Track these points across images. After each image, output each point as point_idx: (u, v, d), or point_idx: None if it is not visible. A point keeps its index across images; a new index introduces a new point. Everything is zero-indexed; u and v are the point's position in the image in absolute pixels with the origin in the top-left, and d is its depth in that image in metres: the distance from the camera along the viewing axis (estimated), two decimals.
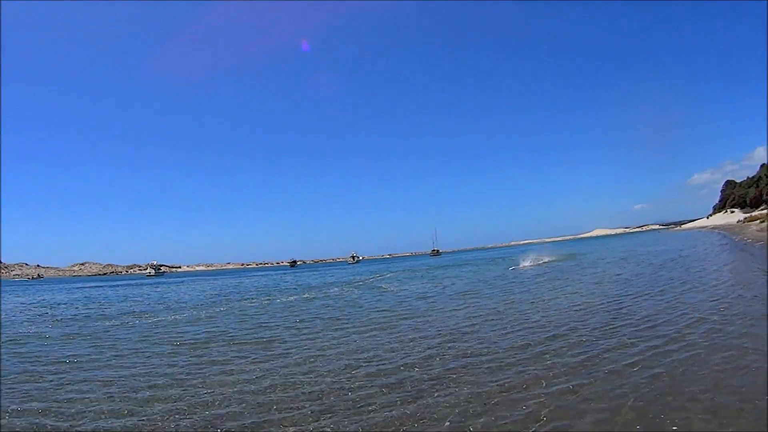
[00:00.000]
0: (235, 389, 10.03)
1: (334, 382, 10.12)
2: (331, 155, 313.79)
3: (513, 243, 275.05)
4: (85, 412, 9.08)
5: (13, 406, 9.55)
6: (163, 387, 10.54)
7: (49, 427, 8.36)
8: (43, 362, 13.91)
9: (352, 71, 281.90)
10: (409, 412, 7.94)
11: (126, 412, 8.98)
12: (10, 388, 10.96)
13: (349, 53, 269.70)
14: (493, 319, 16.36)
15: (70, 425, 8.40)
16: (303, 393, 9.46)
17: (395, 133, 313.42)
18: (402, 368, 10.76)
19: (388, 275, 54.85)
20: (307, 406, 8.68)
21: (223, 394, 9.70)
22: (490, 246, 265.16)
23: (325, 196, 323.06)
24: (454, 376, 9.81)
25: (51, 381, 11.56)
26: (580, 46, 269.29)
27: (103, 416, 8.79)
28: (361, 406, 8.44)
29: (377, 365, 11.26)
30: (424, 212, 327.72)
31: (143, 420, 8.48)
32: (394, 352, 12.57)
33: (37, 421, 8.67)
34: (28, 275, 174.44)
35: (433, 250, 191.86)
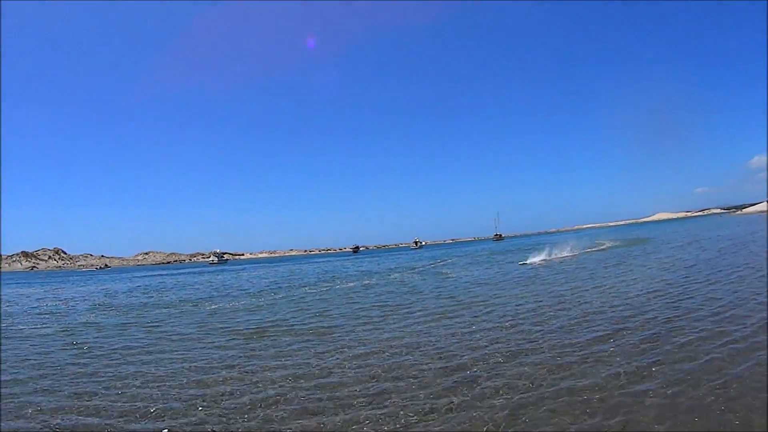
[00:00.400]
0: (292, 380, 9.63)
1: (393, 371, 9.80)
2: (395, 140, 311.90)
3: (575, 227, 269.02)
4: (133, 405, 8.61)
5: (59, 402, 9.03)
6: (216, 378, 10.11)
7: (94, 421, 7.90)
8: (95, 353, 13.58)
9: (407, 54, 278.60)
10: (468, 402, 7.68)
11: (176, 403, 8.57)
12: (58, 381, 10.59)
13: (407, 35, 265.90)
14: (557, 307, 15.75)
15: (116, 420, 7.90)
16: (361, 383, 9.15)
17: (456, 117, 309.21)
18: (463, 357, 10.31)
19: (450, 260, 53.82)
20: (364, 396, 8.40)
21: (278, 385, 9.30)
22: (552, 230, 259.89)
23: (388, 181, 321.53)
24: (516, 366, 9.42)
25: (101, 372, 11.16)
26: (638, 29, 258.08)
27: (152, 410, 8.29)
28: (422, 395, 8.19)
29: (437, 354, 10.85)
30: (486, 197, 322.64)
31: (195, 413, 8.05)
32: (456, 340, 12.09)
33: (83, 414, 8.28)
34: (93, 265, 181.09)
35: (496, 235, 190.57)
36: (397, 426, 7.10)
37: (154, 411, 8.21)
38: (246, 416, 7.81)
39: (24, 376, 11.12)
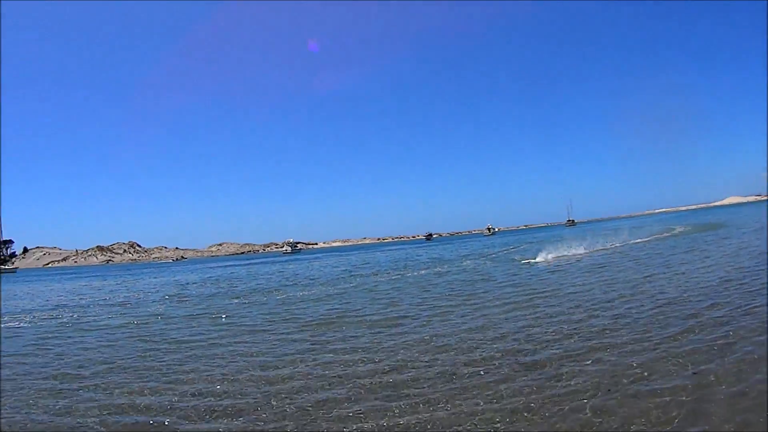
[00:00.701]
0: (365, 375, 9.06)
1: (470, 365, 9.19)
2: (469, 127, 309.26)
3: (647, 212, 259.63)
4: (202, 401, 8.17)
5: (121, 398, 8.71)
6: (287, 373, 9.57)
7: (161, 419, 7.47)
8: (161, 345, 13.36)
9: (484, 42, 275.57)
10: (552, 400, 7.10)
11: (248, 399, 8.09)
12: (119, 375, 10.32)
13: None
14: (628, 296, 14.90)
15: (183, 420, 7.44)
16: (437, 377, 8.60)
17: (530, 105, 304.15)
18: (541, 351, 9.68)
19: (522, 247, 52.43)
20: (441, 392, 7.81)
21: (352, 380, 8.74)
22: (623, 215, 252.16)
23: (462, 168, 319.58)
24: (596, 363, 8.66)
25: (167, 365, 10.83)
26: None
27: (222, 407, 7.79)
28: (503, 392, 7.60)
29: (514, 346, 10.26)
30: (558, 183, 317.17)
31: (269, 410, 7.55)
32: (531, 331, 11.47)
33: (148, 412, 7.84)
34: (167, 257, 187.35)
35: (568, 221, 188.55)
36: (480, 426, 6.46)
37: (225, 408, 7.72)
38: (321, 412, 7.28)
39: (88, 371, 10.90)
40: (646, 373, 7.69)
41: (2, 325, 18.83)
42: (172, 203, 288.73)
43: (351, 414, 7.11)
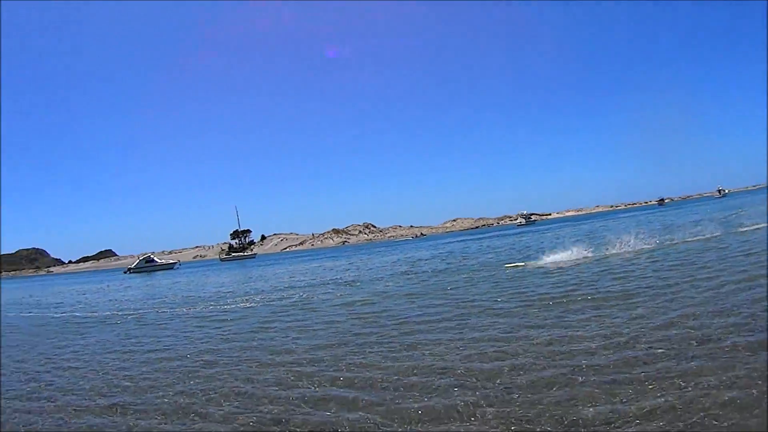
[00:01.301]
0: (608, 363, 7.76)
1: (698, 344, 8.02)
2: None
3: None
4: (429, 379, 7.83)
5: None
6: (504, 355, 8.81)
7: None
8: (383, 323, 13.41)
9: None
10: None
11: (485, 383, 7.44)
12: (334, 352, 10.49)
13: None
14: None
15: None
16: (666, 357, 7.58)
17: None
18: None
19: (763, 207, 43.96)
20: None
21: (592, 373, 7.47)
22: None
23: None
24: None
25: (389, 344, 10.72)
26: None
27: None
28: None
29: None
30: None
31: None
32: None
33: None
34: (402, 235, 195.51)
35: None
36: None
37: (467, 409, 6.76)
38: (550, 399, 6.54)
39: (300, 347, 11.33)
40: None
41: (238, 305, 20.71)
42: (406, 182, 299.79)
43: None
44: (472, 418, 6.30)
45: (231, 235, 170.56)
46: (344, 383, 8.22)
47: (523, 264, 23.78)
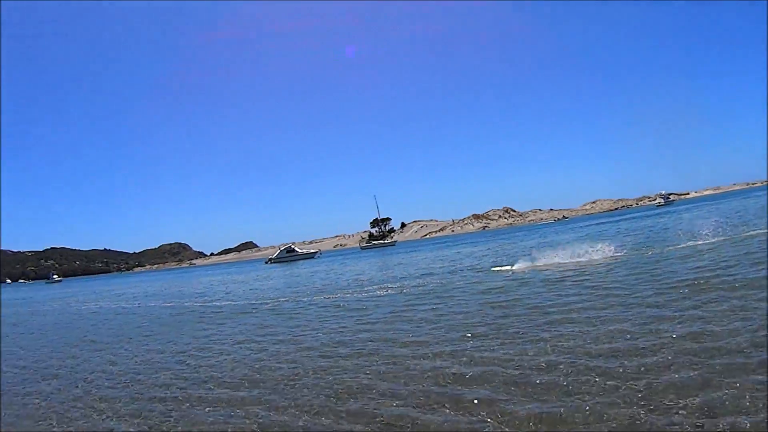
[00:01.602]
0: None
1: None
2: None
3: None
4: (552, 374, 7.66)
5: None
6: (641, 351, 8.22)
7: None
8: (515, 308, 13.44)
9: None
10: None
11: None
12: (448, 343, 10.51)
13: None
14: None
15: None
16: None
17: None
18: None
19: None
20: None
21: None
22: None
23: None
24: None
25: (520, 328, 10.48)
26: None
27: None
28: None
29: None
30: None
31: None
32: None
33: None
34: (543, 219, 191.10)
35: None
36: None
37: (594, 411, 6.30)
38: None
39: (418, 336, 11.57)
40: None
41: (375, 293, 21.06)
42: (544, 166, 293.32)
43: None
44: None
45: (371, 223, 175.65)
46: (464, 381, 7.86)
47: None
